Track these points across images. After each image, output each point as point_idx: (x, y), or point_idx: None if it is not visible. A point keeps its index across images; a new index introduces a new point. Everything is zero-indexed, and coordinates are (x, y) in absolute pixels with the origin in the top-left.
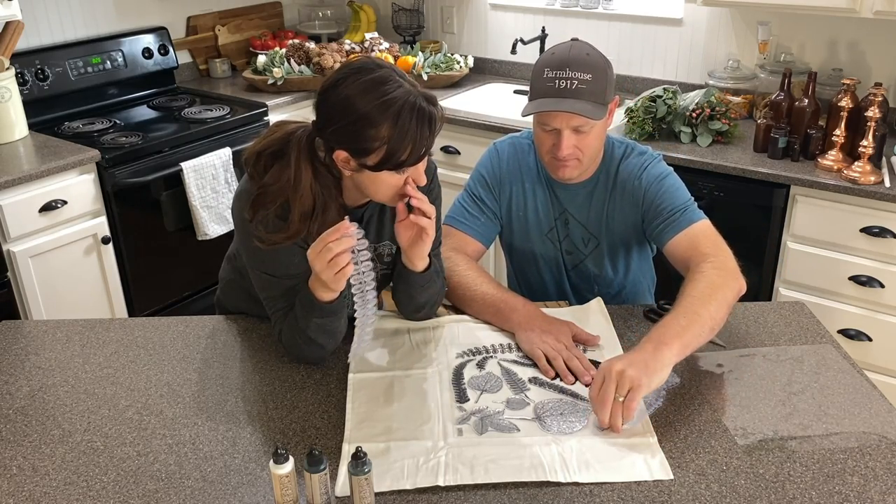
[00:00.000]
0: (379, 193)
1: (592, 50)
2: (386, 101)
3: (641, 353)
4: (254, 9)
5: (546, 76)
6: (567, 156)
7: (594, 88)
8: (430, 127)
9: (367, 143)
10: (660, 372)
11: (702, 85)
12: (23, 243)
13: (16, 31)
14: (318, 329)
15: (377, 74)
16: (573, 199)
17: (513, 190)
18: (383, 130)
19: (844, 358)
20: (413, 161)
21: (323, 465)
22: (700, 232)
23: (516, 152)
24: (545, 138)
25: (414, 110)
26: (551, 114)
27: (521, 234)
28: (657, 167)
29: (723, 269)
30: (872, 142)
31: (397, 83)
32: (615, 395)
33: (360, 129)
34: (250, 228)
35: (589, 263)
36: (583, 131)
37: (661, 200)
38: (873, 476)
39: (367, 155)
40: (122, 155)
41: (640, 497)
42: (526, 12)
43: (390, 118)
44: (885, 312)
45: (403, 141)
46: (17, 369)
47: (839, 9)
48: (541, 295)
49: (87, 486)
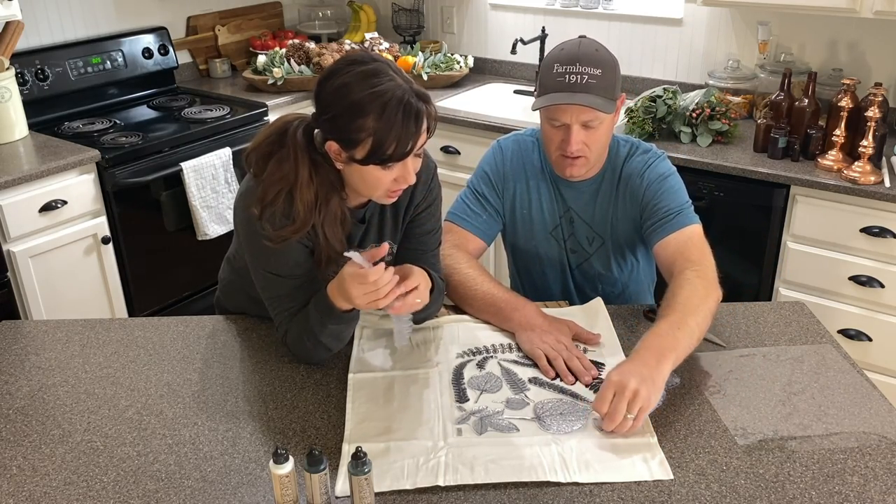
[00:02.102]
0: (368, 189)
1: (601, 46)
2: (374, 92)
3: (647, 368)
4: (254, 9)
5: (556, 71)
6: (575, 151)
7: (604, 83)
8: (417, 123)
9: (354, 134)
10: (661, 388)
11: (702, 85)
12: (23, 243)
13: (16, 31)
14: (331, 334)
15: (370, 66)
16: (578, 197)
17: (517, 187)
18: (370, 121)
19: (844, 358)
20: (398, 156)
21: (323, 465)
22: (689, 237)
23: (520, 150)
24: (554, 134)
25: (401, 104)
26: (561, 108)
27: (526, 233)
28: (661, 165)
29: (705, 278)
30: (872, 142)
31: (389, 77)
32: (628, 414)
33: (348, 119)
34: (257, 227)
35: (594, 262)
36: (592, 126)
37: (659, 200)
38: (873, 476)
39: (355, 147)
40: (122, 155)
41: (640, 497)
42: (526, 12)
43: (376, 109)
44: (885, 312)
45: (389, 134)
46: (17, 369)
47: (839, 9)
48: (544, 294)
49: (87, 486)
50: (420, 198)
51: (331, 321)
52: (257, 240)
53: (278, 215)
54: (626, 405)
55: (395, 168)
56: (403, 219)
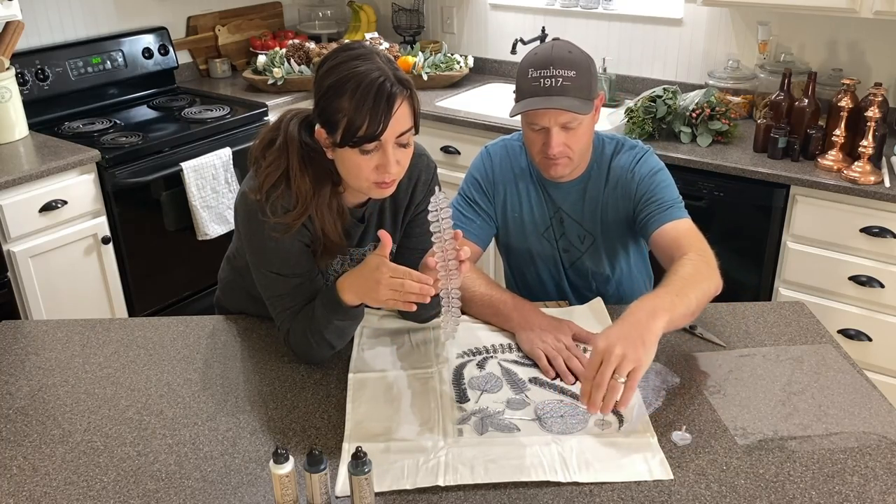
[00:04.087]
0: (352, 178)
1: (574, 48)
2: (351, 73)
3: (637, 328)
4: (254, 9)
5: (531, 76)
6: (557, 153)
7: (579, 84)
8: (389, 103)
9: (333, 115)
10: (653, 346)
11: (702, 85)
12: (23, 243)
13: (16, 31)
14: (336, 331)
15: (356, 51)
16: (566, 197)
17: (507, 191)
18: (344, 102)
19: (844, 358)
20: (369, 137)
21: (323, 465)
22: (687, 228)
23: (508, 154)
24: (535, 138)
25: (374, 85)
26: (539, 112)
27: (518, 235)
28: (650, 160)
29: (709, 265)
30: (872, 142)
31: (371, 60)
32: (617, 377)
33: (329, 100)
34: (258, 223)
35: (586, 260)
36: (571, 128)
37: (653, 193)
38: (873, 476)
39: (336, 130)
40: (122, 155)
41: (640, 497)
42: (526, 12)
43: (350, 90)
44: (885, 312)
45: (360, 113)
46: (17, 369)
47: (839, 9)
48: (540, 294)
49: (87, 486)
50: (420, 198)
51: (336, 316)
52: (259, 238)
53: (279, 206)
54: (611, 370)
55: (373, 156)
56: (403, 219)
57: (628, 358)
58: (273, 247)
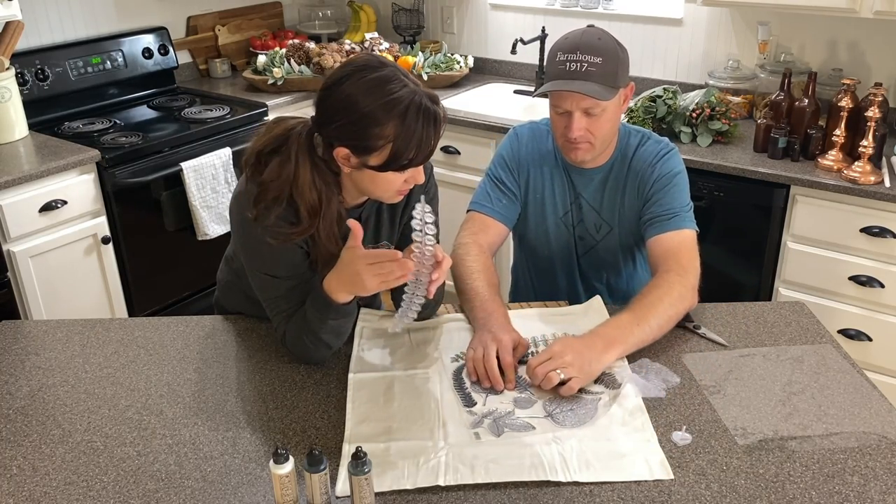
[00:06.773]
0: (378, 190)
1: (606, 35)
2: (391, 100)
3: (591, 350)
4: (254, 9)
5: (558, 59)
6: (578, 138)
7: (604, 71)
8: (436, 127)
9: (370, 142)
10: (597, 373)
11: (702, 85)
12: (23, 243)
13: (16, 31)
14: (331, 330)
15: (382, 73)
16: (587, 184)
17: (531, 173)
18: (388, 129)
19: (844, 358)
20: (419, 161)
21: (323, 465)
22: (682, 241)
23: (535, 137)
24: (558, 121)
25: (420, 110)
26: (562, 96)
27: (537, 218)
28: (672, 160)
29: (684, 285)
30: (872, 142)
31: (402, 82)
32: (558, 371)
33: (363, 127)
34: (254, 230)
35: (600, 250)
36: (593, 114)
37: (662, 196)
38: (873, 476)
39: (370, 153)
40: (122, 155)
41: (640, 497)
42: (526, 12)
43: (396, 118)
44: (885, 312)
45: (410, 141)
46: (17, 369)
47: (839, 9)
48: (550, 282)
49: (87, 486)
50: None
51: (330, 316)
52: (253, 242)
53: (281, 220)
54: (553, 366)
55: (408, 170)
56: (400, 219)
57: (574, 367)
58: (268, 249)
